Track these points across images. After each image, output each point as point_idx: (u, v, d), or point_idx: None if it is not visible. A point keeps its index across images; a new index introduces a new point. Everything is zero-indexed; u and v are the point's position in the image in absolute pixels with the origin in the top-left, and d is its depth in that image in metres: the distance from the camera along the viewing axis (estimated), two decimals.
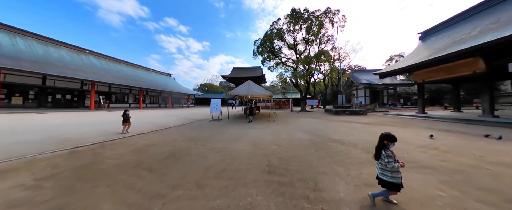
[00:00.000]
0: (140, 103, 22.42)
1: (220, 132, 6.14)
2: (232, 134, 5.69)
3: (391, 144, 1.80)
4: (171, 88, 28.78)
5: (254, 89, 9.82)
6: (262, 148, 4.00)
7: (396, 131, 6.65)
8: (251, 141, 4.73)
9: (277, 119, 11.12)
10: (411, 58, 13.51)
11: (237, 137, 5.27)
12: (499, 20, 9.18)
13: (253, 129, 6.80)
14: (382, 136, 1.87)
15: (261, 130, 6.57)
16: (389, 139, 1.81)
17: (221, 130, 6.61)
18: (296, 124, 8.71)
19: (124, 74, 22.44)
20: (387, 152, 1.75)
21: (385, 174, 1.76)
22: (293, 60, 17.20)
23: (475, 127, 7.18)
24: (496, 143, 4.24)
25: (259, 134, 5.82)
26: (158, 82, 28.43)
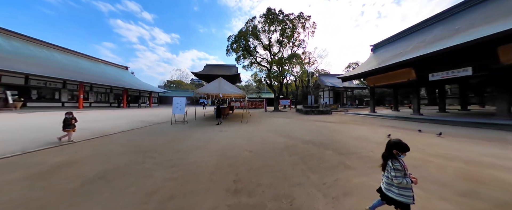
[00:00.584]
0: (79, 102, 17.02)
1: (181, 138, 5.21)
2: (196, 140, 4.87)
3: (401, 154, 1.46)
4: (127, 84, 23.77)
5: (226, 88, 9.04)
6: (230, 156, 3.47)
7: (357, 129, 7.23)
8: (218, 148, 4.10)
9: (251, 119, 10.76)
10: (365, 66, 15.88)
11: (201, 143, 4.50)
12: (424, 40, 11.79)
13: (223, 133, 6.07)
14: (390, 144, 1.52)
15: (232, 133, 5.96)
16: (400, 147, 1.46)
17: (184, 135, 5.61)
18: (270, 124, 8.52)
19: (54, 63, 17.00)
20: (395, 164, 1.41)
21: (391, 190, 1.44)
22: (268, 61, 17.42)
23: (410, 122, 8.86)
24: (427, 137, 5.14)
25: (229, 138, 5.21)
26: (109, 76, 23.00)
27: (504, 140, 4.71)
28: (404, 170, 1.41)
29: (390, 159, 1.47)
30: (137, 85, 26.57)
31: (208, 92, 9.02)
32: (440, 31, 11.16)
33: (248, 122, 9.09)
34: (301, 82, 27.67)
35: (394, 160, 1.45)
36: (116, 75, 25.07)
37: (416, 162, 3.04)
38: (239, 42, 16.36)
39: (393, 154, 1.47)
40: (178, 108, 8.46)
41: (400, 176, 1.38)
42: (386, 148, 1.55)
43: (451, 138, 5.05)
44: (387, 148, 1.54)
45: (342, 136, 5.43)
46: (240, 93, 9.47)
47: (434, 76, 10.01)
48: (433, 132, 5.84)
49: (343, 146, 4.22)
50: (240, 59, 17.14)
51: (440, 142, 4.59)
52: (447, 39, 9.34)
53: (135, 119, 10.01)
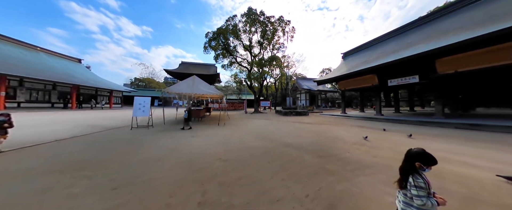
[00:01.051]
0: (0, 101, 13.07)
1: (140, 146, 4.30)
2: (159, 149, 4.08)
3: (427, 168, 1.16)
4: (78, 80, 19.51)
5: (201, 88, 8.17)
6: (198, 168, 2.92)
7: (332, 129, 7.51)
8: (184, 158, 3.44)
9: (229, 121, 10.32)
10: (337, 72, 17.49)
11: (164, 153, 3.76)
12: (384, 51, 13.71)
13: (195, 138, 5.34)
14: (411, 154, 1.22)
15: (205, 139, 5.30)
16: (425, 159, 1.16)
17: (144, 143, 4.71)
18: (249, 126, 8.19)
19: None
20: (417, 180, 1.11)
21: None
22: (248, 62, 17.29)
23: (375, 122, 10.01)
24: (391, 135, 5.68)
25: (201, 144, 4.58)
26: (51, 69, 18.55)
27: (446, 136, 5.70)
28: (429, 188, 1.12)
29: (412, 173, 1.16)
30: (93, 82, 22.10)
31: (180, 92, 8.06)
32: (395, 45, 13.14)
33: (225, 125, 8.53)
34: (281, 84, 28.63)
35: (416, 175, 1.15)
36: (63, 69, 20.33)
37: (388, 162, 3.27)
38: (218, 40, 15.69)
39: (415, 167, 1.17)
40: (140, 109, 7.18)
41: (423, 195, 1.08)
42: (406, 159, 1.23)
43: (415, 136, 5.84)
44: (407, 160, 1.23)
45: (319, 137, 5.61)
46: (218, 94, 8.72)
47: (391, 82, 11.67)
48: (397, 131, 6.70)
49: (321, 147, 4.29)
50: (219, 58, 16.46)
51: (405, 140, 5.26)
52: (400, 52, 11.03)
53: (83, 123, 8.17)
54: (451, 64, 8.65)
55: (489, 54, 7.52)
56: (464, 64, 8.26)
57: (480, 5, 9.67)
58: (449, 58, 8.65)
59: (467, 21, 9.33)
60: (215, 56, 16.30)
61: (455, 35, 8.59)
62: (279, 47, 16.86)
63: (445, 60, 8.78)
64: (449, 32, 9.48)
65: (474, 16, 9.29)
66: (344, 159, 3.44)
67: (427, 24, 12.33)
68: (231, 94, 32.29)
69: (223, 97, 9.40)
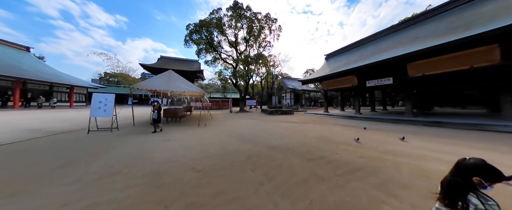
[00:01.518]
0: None
1: (92, 156, 3.46)
2: (119, 158, 3.33)
3: (488, 186, 0.89)
4: (24, 72, 16.07)
5: (179, 84, 7.25)
6: (166, 183, 2.36)
7: (317, 129, 7.40)
8: (150, 169, 2.82)
9: (212, 121, 9.69)
10: (320, 72, 18.18)
11: (125, 164, 3.05)
12: (363, 54, 14.67)
13: (168, 143, 4.60)
14: (469, 166, 0.94)
15: (180, 143, 4.60)
16: (488, 174, 0.89)
17: (100, 151, 3.81)
18: (233, 127, 7.66)
19: None
20: (489, 203, 0.84)
21: None
22: (234, 59, 16.65)
23: (355, 120, 10.47)
24: (373, 133, 5.84)
25: (173, 151, 3.86)
26: None
27: (419, 133, 6.14)
28: None
29: (471, 192, 0.88)
30: (47, 76, 18.66)
31: (153, 88, 7.01)
32: (372, 49, 14.14)
33: (206, 126, 7.82)
34: (267, 83, 28.69)
35: (484, 196, 0.87)
36: (1, 59, 16.52)
37: (375, 163, 3.23)
38: (201, 33, 14.60)
39: (473, 183, 0.90)
40: (101, 108, 5.95)
41: None
42: (458, 171, 0.97)
43: (391, 133, 6.20)
44: (460, 172, 0.96)
45: (306, 137, 5.49)
46: (198, 91, 7.83)
47: (369, 83, 12.52)
48: (377, 129, 7.08)
49: (309, 149, 4.13)
50: (202, 53, 15.34)
51: (388, 139, 5.52)
52: (377, 55, 11.88)
53: (22, 126, 6.49)
54: (420, 68, 9.59)
55: (449, 61, 8.52)
56: (430, 69, 9.23)
57: (442, 17, 10.95)
58: (418, 63, 9.57)
59: (432, 30, 10.46)
60: (197, 51, 15.15)
61: (422, 42, 9.53)
62: (265, 45, 16.68)
63: (415, 64, 9.70)
64: (418, 39, 10.51)
65: (438, 27, 10.45)
66: (334, 161, 3.30)
67: (398, 32, 13.56)
68: (216, 93, 31.13)
69: (205, 95, 8.64)
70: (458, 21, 9.41)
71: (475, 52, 7.89)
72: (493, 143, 4.51)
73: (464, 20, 9.04)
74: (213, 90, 31.70)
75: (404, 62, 9.94)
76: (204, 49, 15.17)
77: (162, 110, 6.81)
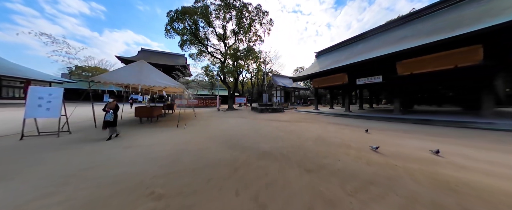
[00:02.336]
0: None
1: (16, 172, 2.55)
2: (44, 178, 2.37)
3: None
4: None
5: (153, 77, 6.05)
6: None
7: (311, 128, 6.70)
8: (81, 197, 1.90)
9: (195, 121, 8.78)
10: (310, 69, 18.02)
11: (48, 187, 2.11)
12: (352, 53, 14.73)
13: (128, 151, 3.62)
14: None
15: (145, 151, 3.63)
16: None
17: (20, 168, 2.68)
18: (218, 128, 6.72)
19: None
20: None
21: None
22: (222, 53, 15.61)
23: (346, 118, 10.17)
24: (372, 133, 5.48)
25: (133, 163, 2.97)
26: None
27: (412, 131, 5.98)
28: None
29: None
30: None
31: (119, 81, 5.62)
32: (362, 47, 14.22)
33: (187, 126, 6.77)
34: (257, 80, 28.01)
35: None
36: None
37: (387, 171, 2.77)
38: (184, 21, 13.01)
39: None
40: (42, 106, 4.52)
41: None
42: None
43: (392, 134, 5.96)
44: None
45: (300, 139, 4.92)
46: (176, 86, 6.53)
47: (360, 81, 12.55)
48: (371, 128, 6.83)
49: (306, 154, 3.55)
50: (186, 45, 13.83)
51: (387, 140, 5.22)
52: (366, 54, 11.89)
53: None
54: (408, 67, 9.71)
55: (435, 60, 8.69)
56: (418, 68, 9.36)
57: (428, 19, 11.25)
58: (406, 62, 9.68)
59: (419, 30, 10.66)
60: (180, 42, 13.66)
61: (410, 42, 9.63)
62: (255, 40, 15.87)
63: (404, 63, 9.80)
64: (405, 39, 10.65)
65: (424, 27, 10.69)
66: (338, 171, 2.72)
67: (386, 31, 13.79)
68: (203, 90, 29.58)
69: (185, 91, 7.54)
70: (443, 22, 9.65)
71: (460, 52, 8.09)
72: (494, 143, 4.38)
73: (450, 21, 9.27)
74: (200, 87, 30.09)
75: (393, 61, 9.99)
76: (188, 40, 13.75)
77: (134, 108, 5.73)
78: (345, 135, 5.46)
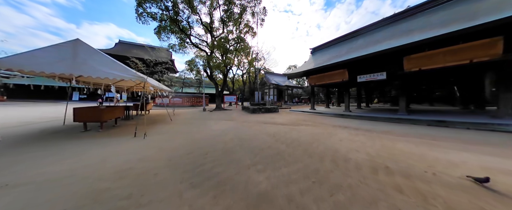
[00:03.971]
0: None
1: None
2: None
3: None
4: None
5: (93, 64, 4.03)
6: None
7: (314, 134, 4.56)
8: None
9: (168, 126, 7.12)
10: (306, 66, 16.83)
11: None
12: (352, 48, 13.68)
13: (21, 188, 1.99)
14: None
15: (32, 192, 1.93)
16: None
17: None
18: (192, 137, 4.80)
19: None
20: None
21: None
22: (208, 44, 13.70)
23: (350, 120, 8.75)
24: (392, 141, 4.17)
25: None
26: None
27: (445, 138, 4.82)
28: None
29: None
30: None
31: (36, 69, 3.54)
32: (363, 42, 13.18)
33: (152, 135, 4.96)
34: (249, 78, 26.36)
35: None
36: None
37: None
38: (160, 2, 10.59)
39: None
40: None
41: None
42: None
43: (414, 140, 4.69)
44: None
45: (312, 159, 3.43)
46: (132, 78, 4.44)
47: (361, 78, 11.48)
48: (384, 131, 5.59)
49: (336, 201, 2.15)
50: (164, 33, 11.48)
51: (425, 153, 3.90)
52: (369, 47, 10.82)
53: None
54: (417, 62, 8.72)
55: (447, 55, 7.75)
56: (427, 63, 8.39)
57: (436, 11, 10.40)
58: (415, 56, 8.68)
59: (427, 23, 9.74)
60: (156, 29, 11.40)
61: (419, 34, 8.65)
62: (247, 31, 14.14)
63: (412, 58, 8.79)
64: (412, 32, 9.68)
65: (433, 20, 9.78)
66: None
67: (390, 25, 12.88)
68: (189, 87, 27.20)
69: (148, 86, 5.62)
70: (455, 14, 8.76)
71: (477, 45, 7.17)
72: None
73: (462, 13, 8.38)
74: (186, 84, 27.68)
75: (400, 56, 8.98)
76: (168, 28, 11.54)
77: (74, 110, 3.80)
78: (365, 146, 4.08)
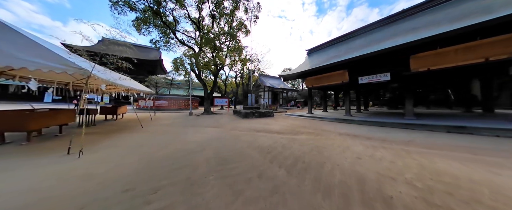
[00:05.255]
0: None
1: None
2: None
3: None
4: None
5: (11, 51, 2.53)
6: None
7: (321, 148, 3.40)
8: None
9: (135, 133, 5.79)
10: (302, 68, 15.96)
11: None
12: (351, 48, 12.92)
13: None
14: None
15: None
16: None
17: None
18: (152, 155, 3.57)
19: None
20: None
21: None
22: (197, 42, 12.31)
23: (355, 126, 7.63)
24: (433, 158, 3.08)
25: None
26: None
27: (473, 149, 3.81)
28: None
29: None
30: None
31: None
32: (363, 41, 12.48)
33: (92, 151, 3.67)
34: (242, 80, 25.13)
35: None
36: None
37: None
38: None
39: None
40: None
41: None
42: None
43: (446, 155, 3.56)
44: None
45: (320, 187, 2.29)
46: (68, 71, 3.05)
47: (362, 80, 10.58)
48: (420, 144, 4.45)
49: None
50: (144, 27, 9.98)
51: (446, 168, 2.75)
52: (370, 47, 10.02)
53: None
54: (425, 62, 7.90)
55: (460, 53, 6.99)
56: (437, 62, 7.59)
57: (440, 9, 9.84)
58: (423, 55, 7.86)
59: (431, 21, 9.10)
60: (134, 21, 9.92)
61: (426, 32, 7.90)
62: (239, 28, 12.97)
63: (420, 56, 7.97)
64: (418, 29, 8.96)
65: (435, 18, 9.17)
66: None
67: (388, 25, 12.30)
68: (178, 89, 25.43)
69: (95, 83, 4.14)
70: (466, 10, 8.15)
71: (493, 42, 6.43)
72: None
73: (474, 8, 7.77)
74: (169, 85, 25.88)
75: (407, 54, 8.16)
76: (147, 20, 10.02)
77: None
78: (397, 168, 2.90)
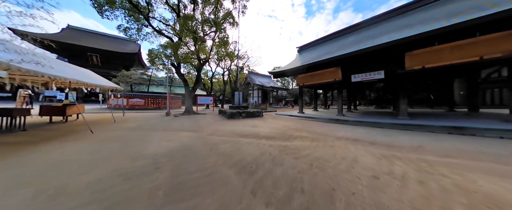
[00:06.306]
0: None
1: None
2: None
3: None
4: None
5: None
6: None
7: (326, 163, 2.94)
8: None
9: (75, 143, 4.46)
10: (294, 64, 15.27)
11: None
12: (343, 45, 12.44)
13: None
14: None
15: None
16: None
17: None
18: (58, 189, 2.53)
19: None
20: None
21: None
22: (176, 31, 10.52)
23: (350, 127, 6.98)
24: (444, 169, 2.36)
25: None
26: None
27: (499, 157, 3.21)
28: None
29: None
30: None
31: None
32: (355, 38, 12.04)
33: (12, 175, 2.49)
34: (230, 77, 23.80)
35: None
36: None
37: None
38: None
39: None
40: None
41: None
42: None
43: None
44: None
45: None
46: None
47: (355, 78, 10.08)
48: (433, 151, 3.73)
49: None
50: (109, 11, 8.20)
51: None
52: (363, 43, 9.53)
53: None
54: (420, 59, 7.51)
55: (455, 50, 6.68)
56: (432, 60, 7.22)
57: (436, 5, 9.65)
58: (419, 52, 7.46)
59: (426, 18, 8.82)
60: (95, 2, 8.18)
61: (423, 28, 7.52)
62: (225, 18, 11.62)
63: (415, 54, 7.57)
64: (414, 26, 8.61)
65: (431, 15, 8.92)
66: None
67: (381, 22, 12.01)
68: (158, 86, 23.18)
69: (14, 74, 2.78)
70: (458, 8, 7.92)
71: (488, 39, 6.15)
72: None
73: (470, 4, 7.53)
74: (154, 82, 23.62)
75: (402, 51, 7.75)
76: (118, 3, 8.17)
77: None
78: (436, 195, 2.07)
